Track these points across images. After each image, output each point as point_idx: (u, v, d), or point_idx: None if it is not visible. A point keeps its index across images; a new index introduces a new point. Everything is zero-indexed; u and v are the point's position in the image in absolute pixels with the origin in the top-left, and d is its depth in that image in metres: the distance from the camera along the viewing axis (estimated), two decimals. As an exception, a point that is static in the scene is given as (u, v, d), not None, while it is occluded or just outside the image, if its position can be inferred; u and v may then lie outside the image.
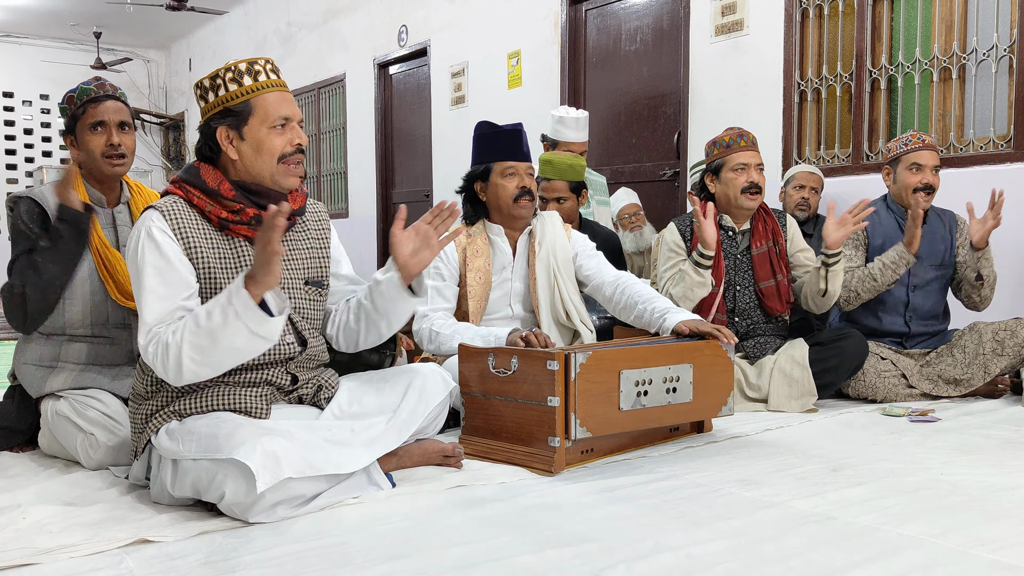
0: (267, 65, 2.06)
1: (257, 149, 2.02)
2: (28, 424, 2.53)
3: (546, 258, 2.91)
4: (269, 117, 2.02)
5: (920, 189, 3.31)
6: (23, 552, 1.66)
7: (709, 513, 1.91)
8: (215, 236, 2.03)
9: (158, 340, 1.89)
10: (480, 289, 2.86)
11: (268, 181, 2.04)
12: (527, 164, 2.89)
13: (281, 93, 2.05)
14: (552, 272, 2.91)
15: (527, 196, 2.86)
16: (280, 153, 2.03)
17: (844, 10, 4.55)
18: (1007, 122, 3.98)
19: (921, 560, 1.61)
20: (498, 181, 2.87)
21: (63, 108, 2.55)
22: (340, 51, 8.66)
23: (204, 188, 2.01)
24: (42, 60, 11.64)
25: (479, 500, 2.02)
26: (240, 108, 2.01)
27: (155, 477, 1.99)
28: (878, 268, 3.26)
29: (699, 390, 2.52)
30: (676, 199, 5.41)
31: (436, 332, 2.76)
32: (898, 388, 3.22)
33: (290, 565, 1.61)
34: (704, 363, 2.55)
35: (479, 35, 6.87)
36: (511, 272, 2.92)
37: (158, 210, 1.98)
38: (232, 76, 2.02)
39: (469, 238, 2.89)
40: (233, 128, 2.02)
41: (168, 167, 12.65)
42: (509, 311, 2.91)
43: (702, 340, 2.58)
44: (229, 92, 2.02)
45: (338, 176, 9.02)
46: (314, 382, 2.17)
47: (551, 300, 2.91)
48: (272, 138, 2.02)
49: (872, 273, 3.27)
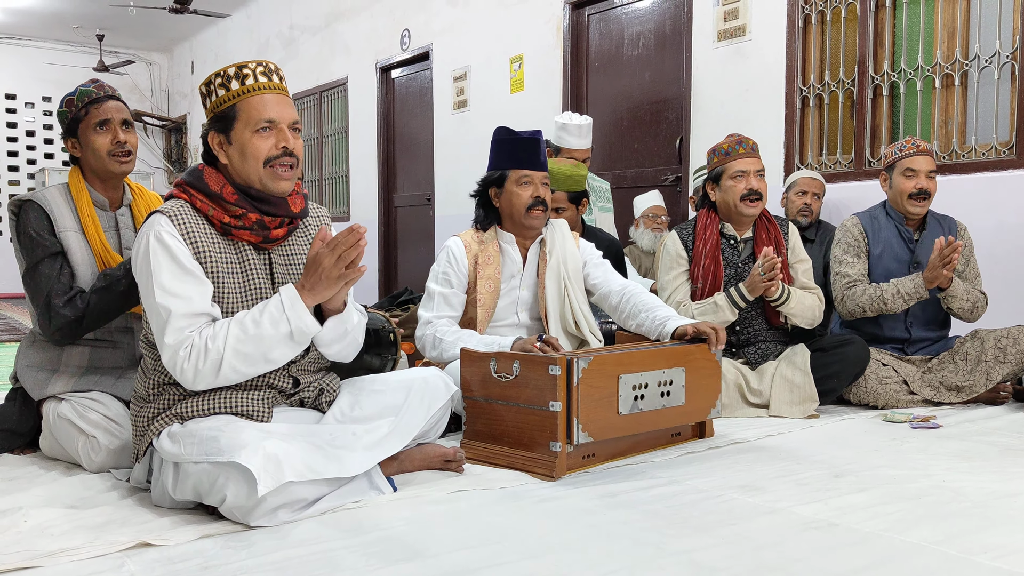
0: (258, 68, 2.03)
1: (242, 153, 2.01)
2: (29, 427, 2.53)
3: (556, 267, 2.90)
4: (252, 120, 2.00)
5: (915, 195, 3.31)
6: (24, 555, 1.66)
7: (711, 519, 1.91)
8: (219, 240, 2.03)
9: (192, 344, 1.90)
10: (489, 297, 2.84)
11: (258, 185, 2.02)
12: (543, 174, 2.86)
13: (271, 95, 2.02)
14: (563, 281, 2.90)
15: (540, 206, 2.82)
16: (265, 157, 2.00)
17: (847, 16, 4.55)
18: (1009, 129, 3.98)
19: (923, 566, 1.61)
20: (513, 189, 2.83)
21: (62, 112, 2.54)
22: (342, 54, 8.68)
23: (207, 192, 2.01)
24: (44, 62, 11.67)
25: (480, 505, 2.01)
26: (226, 113, 2.01)
27: (156, 480, 1.99)
28: (891, 294, 3.25)
29: (690, 393, 2.55)
30: (678, 204, 5.41)
31: (439, 339, 2.75)
32: (900, 394, 3.22)
33: (291, 569, 1.61)
34: (695, 366, 2.57)
35: (481, 39, 6.88)
36: (519, 280, 2.91)
37: (165, 214, 1.98)
38: (221, 81, 2.02)
39: (481, 245, 2.87)
40: (221, 133, 2.02)
41: (170, 170, 12.66)
42: (515, 319, 2.90)
43: (698, 343, 2.60)
44: (219, 98, 2.02)
45: (340, 180, 9.03)
46: (315, 386, 2.17)
47: (561, 309, 2.89)
48: (256, 141, 2.00)
49: (884, 297, 3.25)
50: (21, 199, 2.49)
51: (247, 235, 2.03)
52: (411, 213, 8.03)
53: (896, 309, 3.26)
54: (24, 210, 2.46)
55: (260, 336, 1.91)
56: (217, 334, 1.91)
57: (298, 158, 2.06)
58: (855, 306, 3.31)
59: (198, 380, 1.92)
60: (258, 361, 1.94)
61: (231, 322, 1.93)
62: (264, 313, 1.93)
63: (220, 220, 2.01)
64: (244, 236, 2.03)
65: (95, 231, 2.49)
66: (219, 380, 1.93)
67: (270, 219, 2.04)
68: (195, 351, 1.90)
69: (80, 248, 2.46)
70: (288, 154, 2.02)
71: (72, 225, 2.47)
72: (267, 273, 2.08)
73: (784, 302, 3.15)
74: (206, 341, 1.90)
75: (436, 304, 2.82)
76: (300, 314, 1.93)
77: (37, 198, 2.47)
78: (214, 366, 1.90)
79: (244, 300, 2.02)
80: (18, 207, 2.48)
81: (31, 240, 2.43)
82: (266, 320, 1.92)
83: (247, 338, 1.91)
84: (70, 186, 2.53)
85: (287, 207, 2.07)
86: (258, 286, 2.05)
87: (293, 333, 1.93)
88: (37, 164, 11.87)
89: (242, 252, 2.05)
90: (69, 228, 2.47)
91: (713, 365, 2.64)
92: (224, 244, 2.03)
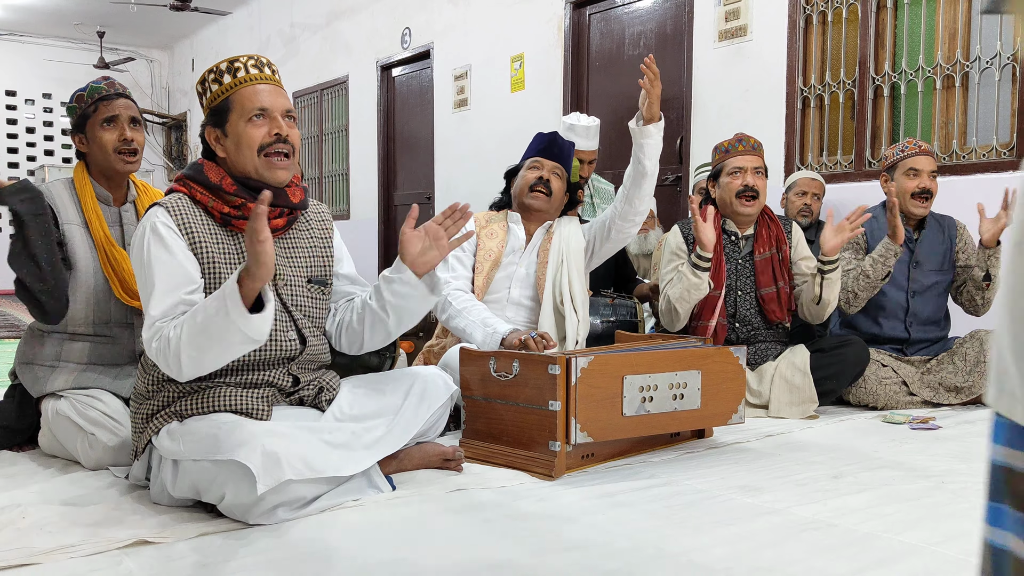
0: (248, 61, 2.04)
1: (237, 143, 2.01)
2: (28, 423, 2.53)
3: (558, 244, 3.02)
4: (245, 110, 2.01)
5: (918, 194, 3.31)
6: (22, 552, 1.66)
7: (710, 519, 1.91)
8: (219, 232, 2.03)
9: (161, 335, 1.88)
10: (488, 266, 3.00)
11: (254, 175, 2.03)
12: (554, 164, 3.05)
13: (263, 85, 2.03)
14: (561, 256, 2.99)
15: (540, 186, 3.01)
16: (259, 144, 2.00)
17: (848, 16, 4.55)
18: (1010, 130, 3.98)
19: (921, 568, 1.61)
20: (523, 173, 3.07)
21: (71, 107, 2.54)
22: (343, 53, 8.67)
23: (207, 184, 2.02)
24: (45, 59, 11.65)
25: (479, 504, 2.01)
26: (220, 106, 2.03)
27: (155, 477, 1.99)
28: (868, 263, 3.26)
29: (708, 397, 2.51)
30: (678, 204, 5.41)
31: (449, 303, 2.87)
32: (899, 395, 3.22)
33: (290, 568, 1.61)
34: (713, 369, 2.53)
35: (482, 38, 6.88)
36: (519, 257, 3.02)
37: (162, 206, 1.99)
38: (214, 77, 2.04)
39: (488, 221, 3.07)
40: (217, 127, 2.04)
41: (170, 167, 12.66)
42: (507, 293, 3.00)
43: (711, 347, 2.58)
44: (212, 93, 2.04)
45: (340, 178, 9.03)
46: (315, 384, 2.16)
47: (554, 282, 2.97)
48: (249, 130, 2.00)
49: (864, 270, 3.26)
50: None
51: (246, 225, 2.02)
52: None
53: (880, 275, 3.24)
54: None
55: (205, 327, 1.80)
56: (178, 324, 1.85)
57: (294, 147, 2.05)
58: (848, 292, 3.31)
59: (172, 371, 1.88)
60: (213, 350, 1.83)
61: (187, 313, 1.87)
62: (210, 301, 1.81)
63: (220, 211, 2.02)
64: (244, 226, 2.03)
65: (99, 225, 2.49)
66: (186, 370, 1.86)
67: (269, 209, 2.04)
68: (163, 341, 1.86)
69: (83, 242, 2.46)
70: (282, 140, 2.02)
71: (75, 218, 2.48)
72: None
73: (835, 267, 3.11)
74: (169, 332, 1.86)
75: (451, 266, 2.99)
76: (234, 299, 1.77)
77: (41, 191, 2.47)
78: (176, 357, 1.84)
79: None
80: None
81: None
82: (211, 307, 1.80)
83: (196, 328, 1.81)
84: (74, 181, 2.53)
85: (286, 197, 2.07)
86: None
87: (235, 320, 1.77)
88: (37, 161, 11.85)
89: (241, 243, 2.05)
90: (72, 221, 2.47)
91: (735, 368, 2.58)
92: (223, 235, 2.04)
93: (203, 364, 1.87)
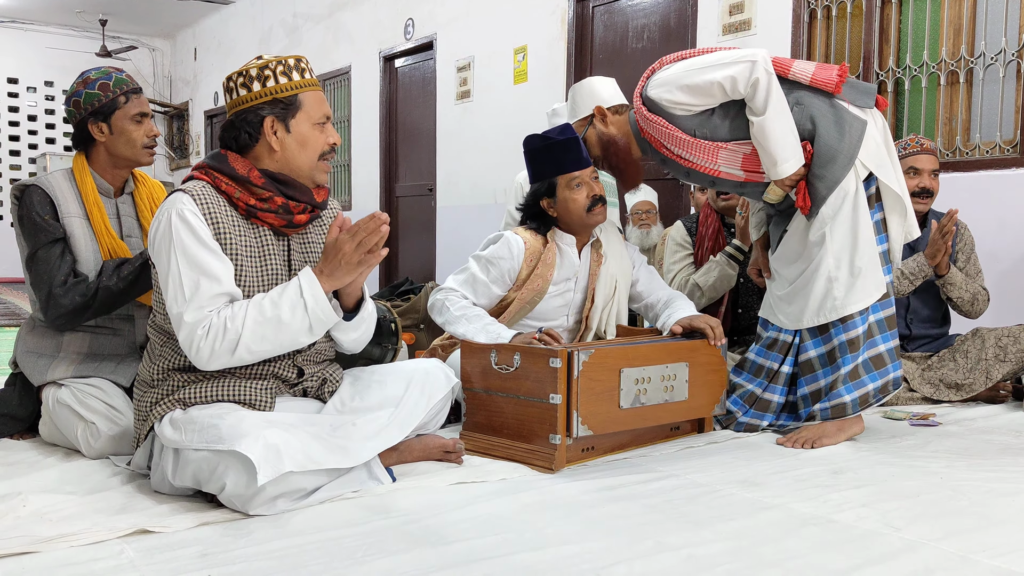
0: (308, 64, 2.12)
1: (302, 144, 2.06)
2: (29, 412, 2.53)
3: (611, 272, 2.83)
4: (314, 114, 2.07)
5: (918, 193, 3.31)
6: (23, 540, 1.66)
7: (710, 514, 1.91)
8: (241, 223, 2.04)
9: (210, 323, 1.91)
10: (534, 296, 2.72)
11: (304, 175, 2.08)
12: (590, 169, 2.73)
13: (322, 94, 2.12)
14: (615, 287, 2.83)
15: (600, 203, 2.71)
16: (321, 151, 2.08)
17: (852, 11, 4.54)
18: (1014, 127, 3.97)
19: (921, 564, 1.61)
20: (567, 195, 2.70)
21: (94, 95, 2.47)
22: (345, 43, 8.65)
23: (233, 175, 2.02)
24: (47, 47, 11.65)
25: (479, 496, 2.01)
26: (289, 101, 2.04)
27: (156, 466, 2.00)
28: (896, 276, 3.22)
29: (694, 388, 2.55)
30: (680, 198, 5.41)
31: (447, 307, 2.64)
32: (899, 392, 3.22)
33: (290, 558, 1.61)
34: (699, 361, 2.57)
35: (485, 30, 6.86)
36: (574, 284, 2.79)
37: (188, 193, 1.98)
38: (283, 69, 2.05)
39: (546, 245, 2.74)
40: (280, 120, 2.05)
41: (171, 156, 12.65)
42: (565, 321, 2.81)
43: (698, 339, 2.60)
44: (280, 84, 2.04)
45: (342, 169, 9.02)
46: (319, 376, 2.17)
47: (604, 311, 2.82)
48: (316, 135, 2.07)
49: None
50: (25, 183, 2.49)
51: (271, 218, 2.04)
52: (412, 203, 8.02)
53: (903, 291, 3.24)
54: (28, 194, 2.45)
55: (278, 319, 1.94)
56: (236, 315, 1.92)
57: None
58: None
59: (212, 360, 1.93)
60: (274, 343, 1.97)
61: (249, 304, 1.95)
62: (283, 296, 1.96)
63: (246, 203, 2.02)
64: (268, 219, 2.04)
65: (100, 217, 2.48)
66: (234, 360, 1.95)
67: (294, 204, 2.05)
68: (213, 330, 1.91)
69: (84, 234, 2.46)
70: (334, 150, 2.12)
71: (76, 211, 2.47)
72: (285, 259, 2.09)
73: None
74: (224, 321, 1.92)
75: (465, 281, 2.72)
76: (318, 298, 1.96)
77: (41, 183, 2.46)
78: (230, 346, 1.92)
79: (261, 283, 2.04)
80: (21, 191, 2.48)
81: (34, 225, 2.42)
82: (284, 303, 1.95)
83: (264, 320, 1.93)
84: (74, 172, 2.52)
85: (311, 195, 2.10)
86: (275, 271, 2.06)
87: (311, 318, 1.96)
88: (39, 148, 11.86)
89: (262, 236, 2.06)
90: (73, 214, 2.46)
91: (718, 360, 2.63)
92: (245, 227, 2.04)
93: (255, 356, 1.97)
